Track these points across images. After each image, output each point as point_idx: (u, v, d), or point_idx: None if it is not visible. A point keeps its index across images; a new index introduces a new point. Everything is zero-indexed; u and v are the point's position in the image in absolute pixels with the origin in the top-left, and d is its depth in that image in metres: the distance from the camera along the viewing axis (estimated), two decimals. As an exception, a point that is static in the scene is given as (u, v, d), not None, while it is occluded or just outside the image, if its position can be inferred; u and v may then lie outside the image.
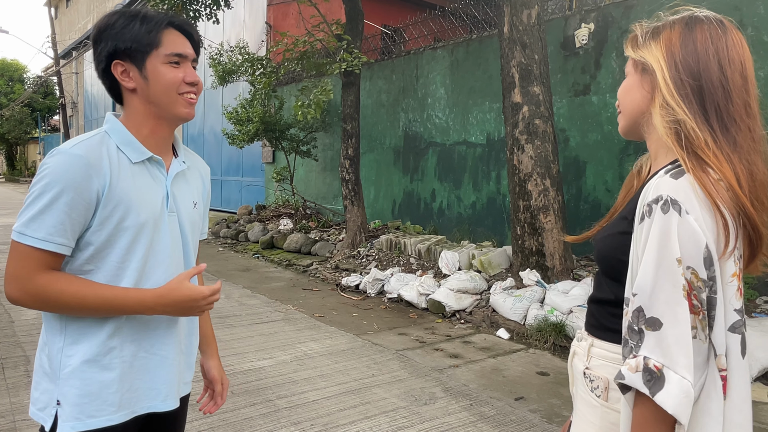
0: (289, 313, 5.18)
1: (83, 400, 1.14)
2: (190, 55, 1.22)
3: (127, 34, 1.16)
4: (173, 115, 1.21)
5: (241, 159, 13.26)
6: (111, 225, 1.13)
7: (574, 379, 1.11)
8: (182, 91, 1.20)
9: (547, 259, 5.24)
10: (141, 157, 1.19)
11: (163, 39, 1.18)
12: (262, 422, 2.89)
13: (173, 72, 1.18)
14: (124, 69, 1.18)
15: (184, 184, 1.29)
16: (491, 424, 2.97)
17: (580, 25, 6.10)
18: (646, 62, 0.99)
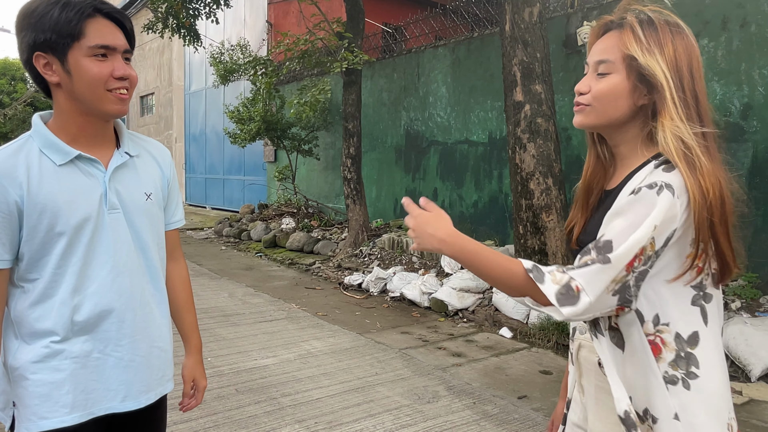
0: (292, 312, 5.19)
1: (34, 401, 1.12)
2: (119, 46, 1.11)
3: (46, 23, 1.06)
4: (101, 112, 1.13)
5: (243, 158, 13.28)
6: (41, 232, 1.10)
7: (582, 371, 1.13)
8: (110, 87, 1.10)
9: (549, 258, 5.24)
10: (66, 158, 1.12)
11: (86, 29, 1.07)
12: (267, 420, 2.91)
13: (99, 66, 1.08)
14: (46, 62, 1.08)
15: (132, 176, 1.22)
16: (494, 422, 2.98)
17: (582, 23, 6.09)
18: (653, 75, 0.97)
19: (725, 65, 4.96)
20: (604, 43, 1.03)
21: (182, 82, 16.39)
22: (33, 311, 1.13)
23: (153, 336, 1.27)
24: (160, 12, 8.70)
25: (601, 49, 1.03)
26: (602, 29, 1.06)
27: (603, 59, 1.01)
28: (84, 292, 1.15)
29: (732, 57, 4.93)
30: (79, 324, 1.15)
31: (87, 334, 1.16)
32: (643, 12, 1.02)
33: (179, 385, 1.43)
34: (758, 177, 4.71)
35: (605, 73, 1.02)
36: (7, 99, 32.89)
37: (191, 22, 8.75)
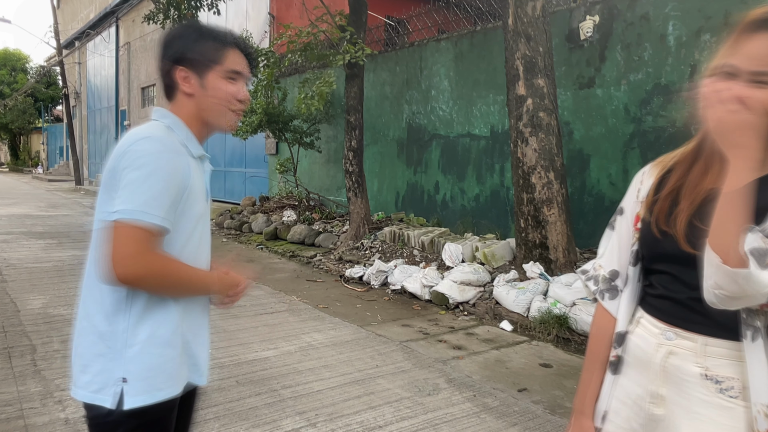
0: (293, 304, 5.21)
1: (152, 373, 1.22)
2: (246, 72, 1.34)
3: (197, 47, 1.28)
4: (217, 126, 1.34)
5: (245, 150, 13.27)
6: (183, 211, 1.24)
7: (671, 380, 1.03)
8: (233, 108, 1.32)
9: (550, 252, 5.25)
10: (198, 153, 1.32)
11: (226, 57, 1.30)
12: (267, 411, 2.93)
13: (229, 87, 1.30)
14: (186, 75, 1.29)
15: (208, 180, 1.43)
16: (494, 414, 3.00)
17: (585, 17, 6.07)
18: None
19: (729, 60, 4.94)
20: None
21: (184, 74, 16.34)
22: None
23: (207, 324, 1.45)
24: (162, 2, 8.67)
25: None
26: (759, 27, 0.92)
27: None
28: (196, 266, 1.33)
29: (736, 52, 4.90)
30: (191, 305, 1.31)
31: (192, 316, 1.32)
32: None
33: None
34: (760, 173, 4.69)
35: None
36: (7, 89, 32.84)
37: (193, 14, 8.72)
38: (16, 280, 5.67)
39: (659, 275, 1.08)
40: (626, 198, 1.19)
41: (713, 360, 0.98)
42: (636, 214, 1.15)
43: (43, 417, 2.77)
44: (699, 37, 5.15)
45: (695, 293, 0.96)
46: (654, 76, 5.51)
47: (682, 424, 1.00)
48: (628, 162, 5.74)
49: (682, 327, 1.01)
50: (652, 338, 1.06)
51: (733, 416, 0.96)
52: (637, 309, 1.13)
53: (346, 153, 7.78)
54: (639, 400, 1.07)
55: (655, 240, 1.06)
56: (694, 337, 1.00)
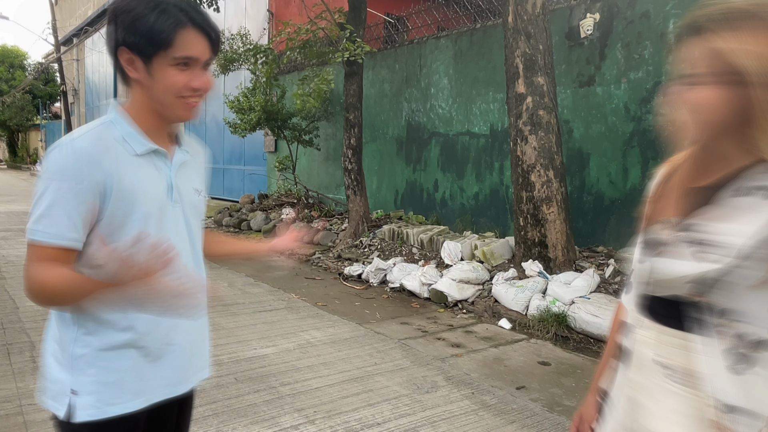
0: (292, 302, 5.20)
1: (101, 388, 1.15)
2: (202, 57, 1.15)
3: (140, 27, 1.09)
4: (171, 116, 1.19)
5: (243, 148, 13.25)
6: (118, 218, 1.12)
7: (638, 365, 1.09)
8: (183, 95, 1.15)
9: (549, 250, 5.25)
10: (144, 149, 1.17)
11: (176, 40, 1.10)
12: (266, 408, 2.92)
13: (178, 76, 1.12)
14: (130, 58, 1.12)
15: (187, 173, 1.28)
16: (492, 412, 2.99)
17: (585, 15, 6.06)
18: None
19: (729, 59, 4.94)
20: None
21: (183, 71, 16.32)
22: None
23: (199, 324, 1.32)
24: (161, 0, 8.63)
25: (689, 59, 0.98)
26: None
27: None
28: None
29: (736, 50, 4.90)
30: (145, 313, 1.18)
31: (150, 322, 1.19)
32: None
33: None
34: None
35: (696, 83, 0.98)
36: (5, 86, 32.75)
37: (192, 10, 8.69)
38: (15, 277, 5.65)
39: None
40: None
41: (664, 348, 1.04)
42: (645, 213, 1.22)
43: (42, 414, 2.76)
44: (699, 35, 5.13)
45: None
46: (654, 75, 5.50)
47: (646, 406, 1.08)
48: (628, 161, 5.73)
49: (647, 317, 1.09)
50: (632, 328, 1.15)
51: (678, 401, 1.01)
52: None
53: (345, 151, 7.77)
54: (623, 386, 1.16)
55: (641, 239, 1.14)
56: (653, 326, 1.06)
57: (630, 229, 4.97)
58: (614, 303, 4.32)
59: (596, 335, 4.16)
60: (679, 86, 0.98)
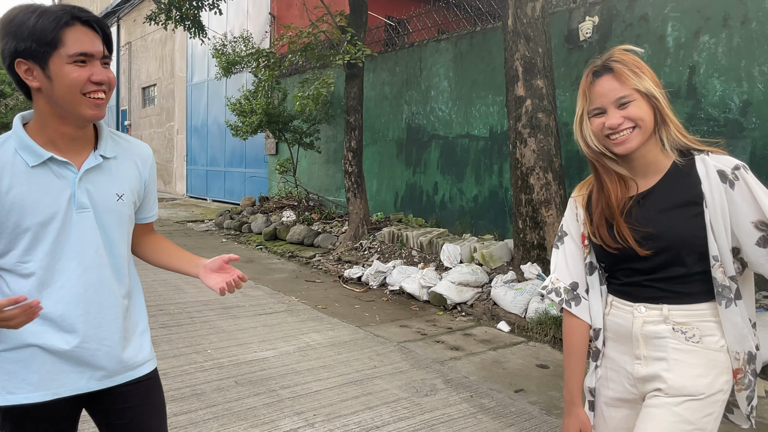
0: (292, 305, 5.22)
1: (5, 377, 1.21)
2: (97, 53, 1.16)
3: (25, 32, 1.10)
4: (78, 116, 1.18)
5: (245, 150, 13.29)
6: (9, 228, 1.17)
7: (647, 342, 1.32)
8: (86, 91, 1.15)
9: (548, 253, 5.26)
10: (38, 159, 1.18)
11: (65, 37, 1.11)
12: (266, 412, 2.94)
13: (77, 71, 1.13)
14: (27, 68, 1.13)
15: (105, 177, 1.27)
16: (491, 415, 3.01)
17: (584, 18, 6.08)
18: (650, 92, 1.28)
19: (725, 62, 4.96)
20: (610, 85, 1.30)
21: (184, 74, 16.37)
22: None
23: (122, 326, 1.33)
24: (163, 3, 8.68)
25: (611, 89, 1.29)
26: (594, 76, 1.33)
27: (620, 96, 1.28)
28: (52, 286, 1.22)
29: (732, 54, 4.92)
30: (46, 315, 1.21)
31: (53, 325, 1.23)
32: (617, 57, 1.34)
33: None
34: (756, 173, 4.71)
35: (626, 103, 1.28)
36: (8, 89, 32.79)
37: (195, 14, 8.73)
38: None
39: (621, 271, 1.37)
40: (567, 221, 1.48)
41: (677, 319, 1.30)
42: (581, 233, 1.44)
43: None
44: (698, 38, 5.16)
45: (653, 276, 1.31)
46: (652, 78, 5.51)
47: (662, 370, 1.30)
48: (627, 163, 5.74)
49: (648, 302, 1.33)
50: (627, 314, 1.35)
51: (698, 357, 1.28)
52: (608, 297, 1.42)
53: (346, 153, 7.79)
54: (625, 364, 1.37)
55: (611, 255, 1.36)
56: (660, 306, 1.31)
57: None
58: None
59: (595, 338, 4.17)
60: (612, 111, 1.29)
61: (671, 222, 1.28)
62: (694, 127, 5.19)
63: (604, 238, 1.34)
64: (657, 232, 1.29)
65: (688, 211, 1.27)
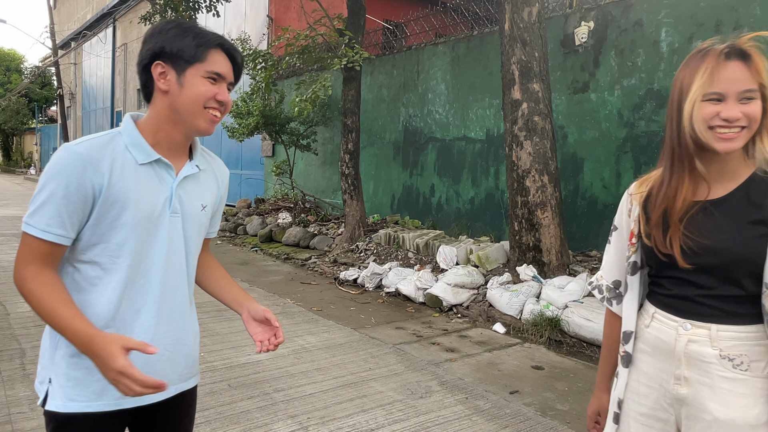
0: (287, 307, 5.21)
1: (68, 383, 1.19)
2: (227, 77, 1.26)
3: (179, 43, 1.21)
4: (192, 126, 1.25)
5: (241, 152, 13.26)
6: (108, 220, 1.18)
7: (690, 362, 1.22)
8: (209, 106, 1.23)
9: (543, 255, 5.28)
10: (147, 158, 1.22)
11: (208, 56, 1.22)
12: (259, 415, 2.93)
13: (208, 86, 1.22)
14: (163, 71, 1.22)
15: (194, 187, 1.32)
16: (486, 417, 3.01)
17: (579, 23, 6.11)
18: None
19: (721, 66, 4.99)
20: (741, 74, 1.13)
21: (180, 75, 16.33)
22: (80, 295, 1.19)
23: (184, 335, 1.35)
24: (159, 3, 8.67)
25: (740, 78, 1.12)
26: (724, 57, 1.14)
27: (748, 88, 1.13)
28: (134, 285, 1.23)
29: (728, 58, 4.95)
30: (122, 315, 1.22)
31: (126, 325, 1.22)
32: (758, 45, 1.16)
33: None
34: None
35: (750, 99, 1.13)
36: (1, 90, 32.66)
37: (191, 15, 8.72)
38: (6, 283, 5.64)
39: (670, 279, 1.26)
40: (618, 216, 1.38)
41: (725, 342, 1.18)
42: (630, 231, 1.33)
43: (32, 422, 2.76)
44: (691, 43, 5.19)
45: (705, 292, 1.20)
46: (647, 82, 5.55)
47: (707, 399, 1.20)
48: (621, 166, 5.77)
49: (696, 319, 1.21)
50: (670, 330, 1.25)
51: (746, 386, 1.18)
52: (648, 306, 1.31)
53: (343, 155, 7.79)
54: (664, 383, 1.26)
55: (660, 259, 1.24)
56: (708, 325, 1.20)
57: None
58: (608, 308, 4.34)
59: (589, 339, 4.18)
60: (732, 103, 1.13)
61: (735, 238, 1.16)
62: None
63: (658, 242, 1.23)
64: (717, 246, 1.17)
65: (757, 230, 1.15)
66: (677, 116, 1.18)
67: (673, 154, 1.22)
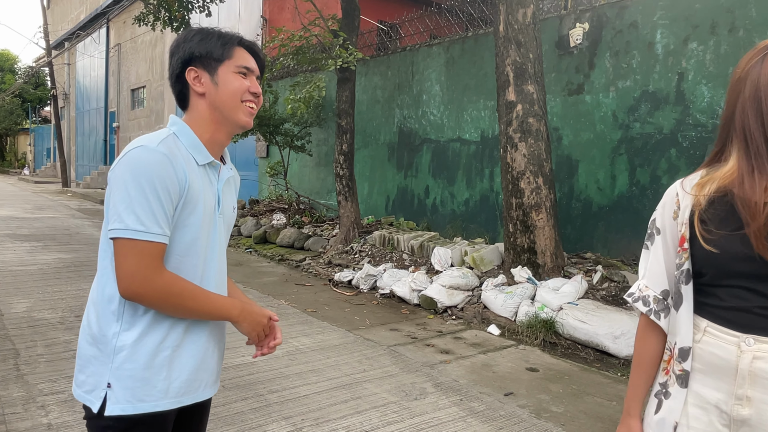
0: (282, 308, 5.19)
1: (135, 384, 1.19)
2: (255, 70, 1.34)
3: (206, 45, 1.29)
4: (234, 121, 1.31)
5: (235, 153, 13.21)
6: (183, 218, 1.22)
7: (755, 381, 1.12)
8: (245, 99, 1.30)
9: (538, 257, 5.28)
10: (205, 160, 1.28)
11: (235, 53, 1.31)
12: (254, 417, 2.91)
13: (241, 81, 1.30)
14: (196, 75, 1.29)
15: (229, 189, 1.40)
16: (480, 419, 3.00)
17: (574, 24, 6.13)
18: None
19: (713, 69, 5.01)
20: None
21: (174, 76, 16.27)
22: None
23: (224, 330, 1.43)
24: (152, 4, 8.63)
25: None
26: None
27: None
28: (203, 283, 1.28)
29: (720, 61, 4.98)
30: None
31: (191, 322, 1.27)
32: None
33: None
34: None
35: None
36: (-6, 90, 32.48)
37: (183, 15, 8.69)
38: (0, 284, 5.60)
39: (729, 289, 1.14)
40: (660, 219, 1.25)
41: None
42: (681, 235, 1.21)
43: (26, 422, 2.74)
44: (686, 45, 5.21)
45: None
46: (642, 83, 5.57)
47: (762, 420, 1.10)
48: (616, 168, 5.79)
49: (759, 333, 1.10)
50: (730, 346, 1.13)
51: None
52: (698, 320, 1.19)
53: (337, 156, 7.78)
54: (720, 404, 1.15)
55: (731, 260, 1.12)
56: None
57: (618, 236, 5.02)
58: (602, 309, 4.35)
59: (584, 341, 4.18)
60: None
61: None
62: (683, 133, 5.24)
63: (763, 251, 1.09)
64: None
65: None
66: (754, 109, 1.09)
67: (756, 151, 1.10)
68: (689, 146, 5.19)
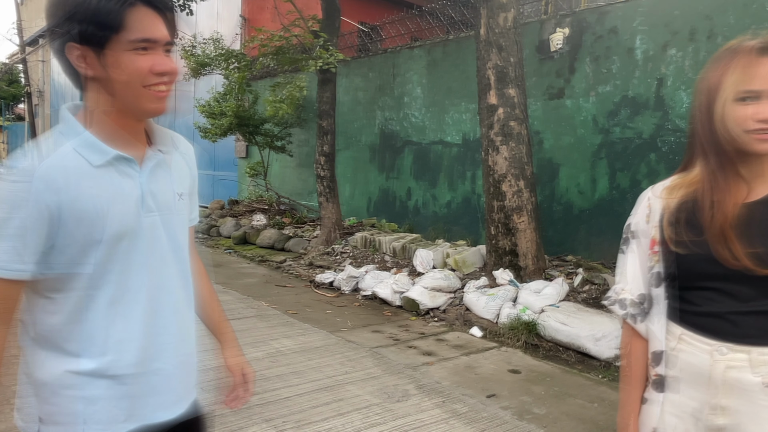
0: (262, 310, 5.12)
1: (65, 418, 1.04)
2: (161, 38, 1.00)
3: (83, 14, 0.94)
4: (138, 111, 1.03)
5: (214, 153, 13.06)
6: (78, 241, 0.99)
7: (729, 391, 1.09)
8: (148, 83, 0.99)
9: (520, 259, 5.31)
10: (103, 158, 1.01)
11: (127, 20, 0.95)
12: (234, 419, 2.86)
13: (138, 61, 0.97)
14: (80, 53, 0.97)
15: (165, 175, 1.12)
16: (463, 421, 2.99)
17: (555, 29, 6.19)
18: None
19: (692, 75, 5.11)
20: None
21: (153, 75, 16.04)
22: (63, 328, 1.03)
23: (185, 343, 1.21)
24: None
25: None
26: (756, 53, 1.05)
27: None
28: (120, 302, 1.05)
29: (699, 67, 5.07)
30: (114, 338, 1.05)
31: (122, 348, 1.06)
32: None
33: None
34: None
35: None
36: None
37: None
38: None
39: (701, 291, 1.12)
40: (635, 223, 1.24)
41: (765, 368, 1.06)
42: (651, 238, 1.20)
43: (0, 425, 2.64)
44: (665, 51, 5.30)
45: (745, 307, 1.06)
46: (622, 89, 5.65)
47: (750, 429, 1.07)
48: (596, 171, 5.86)
49: (733, 341, 1.07)
50: (704, 354, 1.10)
51: None
52: (673, 326, 1.17)
53: (318, 158, 7.73)
54: (696, 413, 1.13)
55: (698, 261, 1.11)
56: (748, 349, 1.06)
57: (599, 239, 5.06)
58: (583, 311, 4.39)
59: (565, 343, 4.21)
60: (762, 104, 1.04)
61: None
62: (662, 138, 5.33)
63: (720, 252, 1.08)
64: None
65: None
66: (707, 119, 1.10)
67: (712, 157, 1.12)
68: (668, 151, 5.28)
